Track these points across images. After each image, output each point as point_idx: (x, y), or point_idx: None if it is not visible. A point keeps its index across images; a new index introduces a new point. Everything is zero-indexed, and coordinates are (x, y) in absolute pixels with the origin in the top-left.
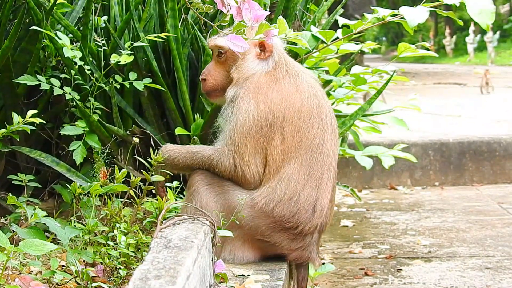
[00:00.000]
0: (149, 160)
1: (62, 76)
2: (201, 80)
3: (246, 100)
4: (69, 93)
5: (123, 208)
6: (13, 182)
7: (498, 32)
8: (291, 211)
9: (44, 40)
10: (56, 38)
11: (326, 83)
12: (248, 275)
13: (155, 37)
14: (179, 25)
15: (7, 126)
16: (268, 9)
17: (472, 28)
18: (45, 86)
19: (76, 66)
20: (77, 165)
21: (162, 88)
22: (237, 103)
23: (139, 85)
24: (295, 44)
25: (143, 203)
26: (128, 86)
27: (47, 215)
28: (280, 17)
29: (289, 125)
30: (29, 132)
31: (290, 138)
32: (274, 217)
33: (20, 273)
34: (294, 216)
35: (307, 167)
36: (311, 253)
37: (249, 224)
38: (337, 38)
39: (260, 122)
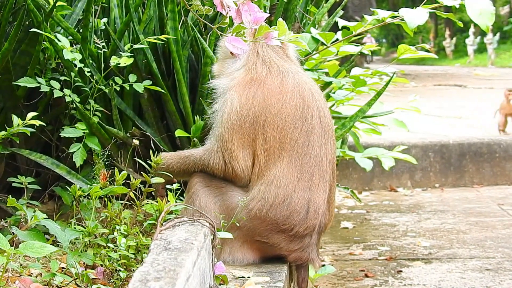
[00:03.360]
0: (149, 162)
1: (62, 78)
2: None
3: (229, 94)
4: (69, 95)
5: (123, 210)
6: (13, 184)
7: (498, 34)
8: (283, 214)
9: (44, 42)
10: (56, 40)
11: (326, 85)
12: (248, 277)
13: (155, 39)
14: (179, 27)
15: (7, 128)
16: (268, 11)
17: (472, 29)
18: (45, 88)
19: (76, 68)
20: (77, 167)
21: (162, 90)
22: (224, 97)
23: (139, 87)
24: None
25: (143, 205)
26: (128, 88)
27: (47, 217)
28: (280, 19)
29: (270, 125)
30: (29, 135)
31: (272, 138)
32: (268, 221)
33: (20, 275)
34: (288, 219)
35: (294, 169)
36: (310, 254)
37: (248, 225)
38: (337, 40)
39: (244, 117)
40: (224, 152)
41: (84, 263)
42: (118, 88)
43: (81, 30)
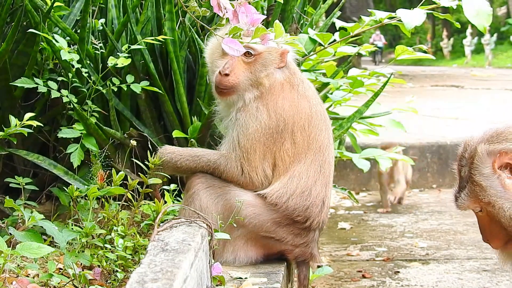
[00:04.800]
0: (146, 163)
1: (60, 79)
2: (222, 75)
3: (260, 107)
4: (67, 96)
5: (121, 211)
6: (11, 185)
7: (495, 35)
8: (304, 204)
9: (42, 43)
10: (54, 41)
11: (323, 85)
12: (246, 278)
13: (152, 40)
14: (177, 28)
15: (5, 129)
16: (265, 12)
17: (469, 30)
18: (42, 89)
19: (74, 69)
20: (74, 168)
21: (160, 91)
22: (250, 109)
23: (137, 88)
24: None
25: (140, 206)
26: (125, 88)
27: (44, 218)
28: (277, 21)
29: (300, 129)
30: (26, 135)
31: (300, 141)
32: (286, 210)
33: (18, 276)
34: (307, 210)
35: (318, 166)
36: (313, 250)
37: (253, 222)
38: (335, 40)
39: (271, 129)
40: (243, 162)
41: (81, 264)
42: (115, 89)
43: (78, 31)
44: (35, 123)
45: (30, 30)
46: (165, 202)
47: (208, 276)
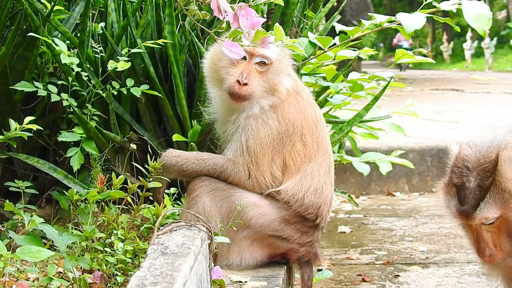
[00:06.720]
0: (146, 166)
1: (60, 82)
2: (241, 84)
3: (271, 113)
4: (67, 100)
5: (121, 214)
6: (10, 188)
7: (495, 38)
8: (317, 202)
9: (41, 46)
10: (53, 44)
11: (323, 89)
12: (246, 282)
13: (152, 43)
14: (177, 31)
15: (5, 132)
16: (265, 15)
17: (469, 34)
18: (42, 92)
19: (74, 73)
20: (74, 171)
21: (160, 95)
22: (261, 115)
23: (137, 92)
24: (292, 50)
25: (140, 209)
26: (125, 92)
27: (44, 221)
28: (277, 24)
29: (309, 132)
30: (26, 139)
31: (310, 143)
32: (300, 206)
33: (17, 280)
34: (319, 208)
35: (327, 166)
36: (317, 250)
37: (260, 222)
38: (335, 44)
39: (281, 134)
40: (251, 167)
41: (81, 267)
42: (115, 93)
43: (78, 35)
44: (35, 126)
45: (30, 33)
46: (165, 205)
47: (208, 279)
